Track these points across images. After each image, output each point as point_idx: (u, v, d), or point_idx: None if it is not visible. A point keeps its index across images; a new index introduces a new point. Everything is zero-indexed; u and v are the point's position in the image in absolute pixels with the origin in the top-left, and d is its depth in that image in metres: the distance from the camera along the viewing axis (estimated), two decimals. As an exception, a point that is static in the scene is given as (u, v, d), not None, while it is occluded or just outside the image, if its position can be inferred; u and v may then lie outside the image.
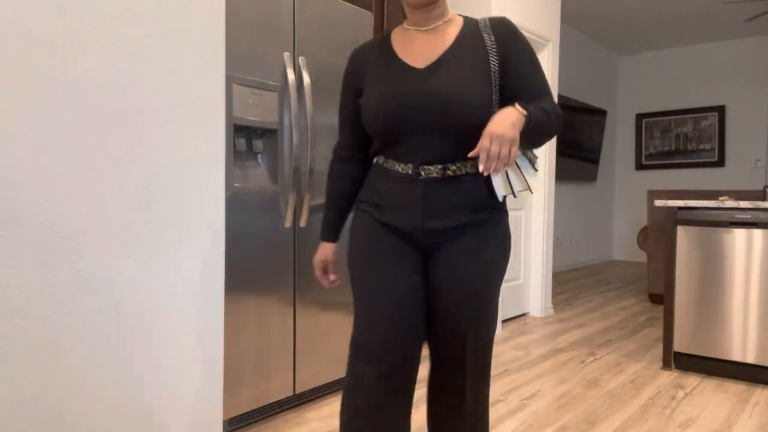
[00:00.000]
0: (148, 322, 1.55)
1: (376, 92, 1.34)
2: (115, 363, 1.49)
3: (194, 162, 1.65)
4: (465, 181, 1.33)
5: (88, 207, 1.41)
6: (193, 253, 1.66)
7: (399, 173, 1.35)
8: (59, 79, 1.35)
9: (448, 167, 1.32)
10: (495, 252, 1.37)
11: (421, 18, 1.36)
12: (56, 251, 1.36)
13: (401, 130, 1.32)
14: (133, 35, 1.49)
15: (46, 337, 1.35)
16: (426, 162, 1.32)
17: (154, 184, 1.55)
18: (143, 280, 1.53)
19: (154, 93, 1.55)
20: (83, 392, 1.43)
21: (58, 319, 1.37)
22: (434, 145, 1.31)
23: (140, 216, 1.52)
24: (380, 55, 1.40)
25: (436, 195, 1.33)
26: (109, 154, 1.45)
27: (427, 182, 1.32)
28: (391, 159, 1.37)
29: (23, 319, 1.31)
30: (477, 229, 1.36)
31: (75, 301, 1.40)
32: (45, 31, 1.33)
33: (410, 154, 1.33)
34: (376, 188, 1.40)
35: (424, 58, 1.34)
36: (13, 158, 1.28)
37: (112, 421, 1.49)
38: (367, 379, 1.32)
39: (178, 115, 1.61)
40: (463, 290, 1.35)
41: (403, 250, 1.37)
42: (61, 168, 1.36)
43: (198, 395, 1.69)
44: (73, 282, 1.39)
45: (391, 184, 1.36)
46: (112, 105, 1.46)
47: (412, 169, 1.33)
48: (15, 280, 1.30)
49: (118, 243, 1.48)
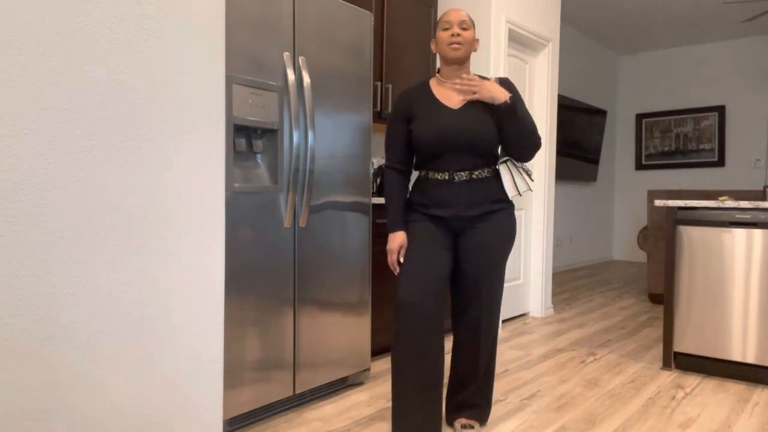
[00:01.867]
0: (148, 322, 1.56)
1: (424, 124, 2.02)
2: (115, 363, 1.49)
3: (194, 162, 1.66)
4: (485, 182, 2.05)
5: (88, 207, 1.41)
6: (193, 253, 1.66)
7: (438, 179, 2.04)
8: (59, 78, 1.35)
9: (473, 173, 2.03)
10: (507, 231, 2.09)
11: (454, 72, 2.06)
12: (56, 251, 1.36)
13: (442, 150, 2.01)
14: (133, 35, 1.49)
15: (46, 337, 1.35)
16: (458, 170, 2.02)
17: (153, 184, 1.55)
18: (143, 280, 1.53)
19: (154, 93, 1.55)
20: (83, 392, 1.43)
21: (58, 319, 1.37)
22: (463, 159, 2.02)
23: (140, 216, 1.52)
24: (424, 96, 2.08)
25: (466, 192, 2.03)
26: (109, 154, 1.45)
27: (460, 184, 2.02)
28: (431, 170, 2.05)
29: (23, 319, 1.31)
30: (495, 215, 2.07)
31: (75, 301, 1.40)
32: (45, 31, 1.33)
33: (447, 166, 2.02)
34: (423, 192, 2.08)
35: (456, 101, 2.04)
36: (13, 158, 1.28)
37: (112, 421, 1.49)
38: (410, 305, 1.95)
39: (178, 115, 1.61)
40: (484, 252, 2.05)
41: (439, 231, 2.05)
42: (61, 168, 1.36)
43: (198, 395, 1.69)
44: (73, 282, 1.39)
45: (434, 188, 2.05)
46: (113, 105, 1.46)
47: (449, 175, 2.02)
48: (15, 280, 1.30)
49: (118, 243, 1.48)
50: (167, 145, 1.58)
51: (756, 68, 7.10)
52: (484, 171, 2.04)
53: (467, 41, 2.00)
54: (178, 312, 1.63)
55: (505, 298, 4.09)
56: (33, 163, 1.32)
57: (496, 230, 2.05)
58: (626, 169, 8.14)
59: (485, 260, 2.05)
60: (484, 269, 2.05)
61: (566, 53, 6.85)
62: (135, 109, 1.50)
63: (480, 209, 2.04)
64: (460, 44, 1.99)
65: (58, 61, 1.35)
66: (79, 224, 1.40)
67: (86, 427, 1.44)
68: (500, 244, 2.06)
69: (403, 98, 2.11)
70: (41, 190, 1.33)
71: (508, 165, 2.07)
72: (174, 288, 1.62)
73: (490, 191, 2.05)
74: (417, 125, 2.03)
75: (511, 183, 2.07)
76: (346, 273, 2.56)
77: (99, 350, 1.46)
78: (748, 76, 7.15)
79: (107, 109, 1.44)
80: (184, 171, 1.63)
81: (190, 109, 1.64)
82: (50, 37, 1.33)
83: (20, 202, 1.30)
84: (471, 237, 2.06)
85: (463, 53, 2.01)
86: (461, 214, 2.03)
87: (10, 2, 1.27)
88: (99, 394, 1.46)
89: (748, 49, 7.15)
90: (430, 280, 1.97)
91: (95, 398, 1.45)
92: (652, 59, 7.88)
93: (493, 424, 2.28)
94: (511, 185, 2.07)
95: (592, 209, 7.72)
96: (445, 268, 2.02)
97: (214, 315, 1.73)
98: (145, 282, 1.54)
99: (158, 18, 1.55)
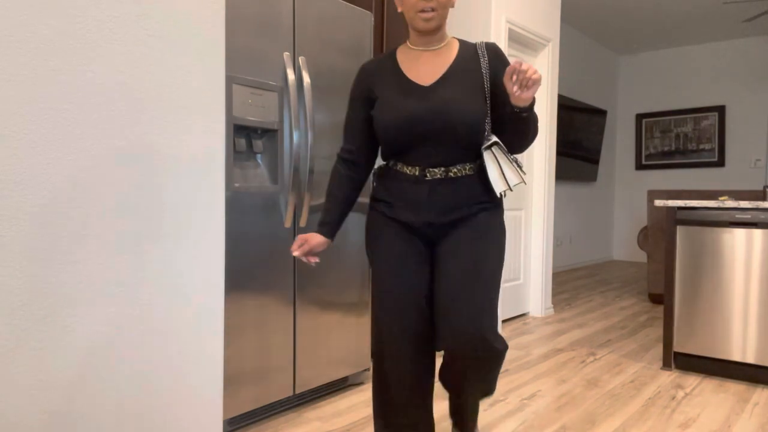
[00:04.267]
0: (148, 322, 1.55)
1: (388, 107, 1.55)
2: (115, 363, 1.49)
3: (194, 162, 1.65)
4: (466, 181, 1.57)
5: (88, 207, 1.41)
6: (193, 253, 1.66)
7: (407, 175, 1.57)
8: (59, 78, 1.35)
9: (450, 170, 1.55)
10: (492, 232, 1.59)
11: (425, 41, 1.59)
12: (56, 251, 1.36)
13: (410, 139, 1.54)
14: (133, 35, 1.49)
15: (46, 337, 1.35)
16: (431, 165, 1.55)
17: (153, 184, 1.55)
18: (143, 280, 1.53)
19: (154, 93, 1.54)
20: (83, 392, 1.43)
21: (58, 319, 1.37)
22: (438, 152, 1.54)
23: (140, 216, 1.52)
24: (388, 71, 1.62)
25: (440, 194, 1.56)
26: (109, 154, 1.45)
27: (432, 183, 1.55)
28: (400, 163, 1.58)
29: (23, 319, 1.31)
30: (475, 218, 1.58)
31: (75, 301, 1.40)
32: (45, 31, 1.33)
33: (418, 159, 1.55)
34: (388, 188, 1.62)
35: (428, 77, 1.57)
36: (13, 158, 1.28)
37: (113, 421, 1.49)
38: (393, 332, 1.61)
39: (177, 115, 1.61)
40: (463, 259, 1.55)
41: (411, 241, 1.61)
42: (61, 168, 1.36)
43: (198, 395, 1.69)
44: (73, 282, 1.39)
45: (401, 184, 1.59)
46: (112, 105, 1.46)
47: (419, 171, 1.55)
48: (15, 280, 1.30)
49: (118, 243, 1.48)
50: (167, 145, 1.58)
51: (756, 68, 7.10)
52: (465, 167, 1.55)
53: (441, 4, 1.51)
54: (178, 312, 1.63)
55: (505, 298, 4.09)
56: (33, 163, 1.32)
57: (478, 231, 1.57)
58: (626, 169, 8.14)
59: (466, 269, 1.54)
60: (464, 282, 1.53)
61: (566, 53, 6.85)
62: (135, 109, 1.50)
63: (455, 214, 1.57)
64: (433, 11, 1.50)
65: (58, 61, 1.35)
66: (79, 224, 1.40)
67: (86, 427, 1.44)
68: (486, 247, 1.57)
69: (362, 74, 1.65)
70: (41, 190, 1.33)
71: (494, 152, 1.54)
72: (174, 288, 1.62)
73: (473, 193, 1.57)
74: (378, 109, 1.57)
75: (499, 175, 1.54)
76: (346, 273, 2.55)
77: (99, 350, 1.45)
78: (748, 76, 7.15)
79: (107, 109, 1.44)
80: (184, 171, 1.63)
81: (190, 109, 1.64)
82: (50, 37, 1.33)
83: (20, 202, 1.30)
84: (446, 244, 1.59)
85: (437, 23, 1.53)
86: (433, 221, 1.57)
87: (10, 2, 1.27)
88: (99, 395, 1.46)
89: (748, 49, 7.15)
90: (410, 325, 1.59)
91: (95, 398, 1.45)
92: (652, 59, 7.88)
93: (493, 424, 2.28)
94: (499, 178, 1.54)
95: (592, 209, 7.72)
96: (425, 290, 1.63)
97: (214, 315, 1.73)
98: (145, 282, 1.54)
99: (158, 18, 1.55)
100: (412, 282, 1.59)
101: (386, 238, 1.62)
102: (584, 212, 7.53)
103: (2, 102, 1.27)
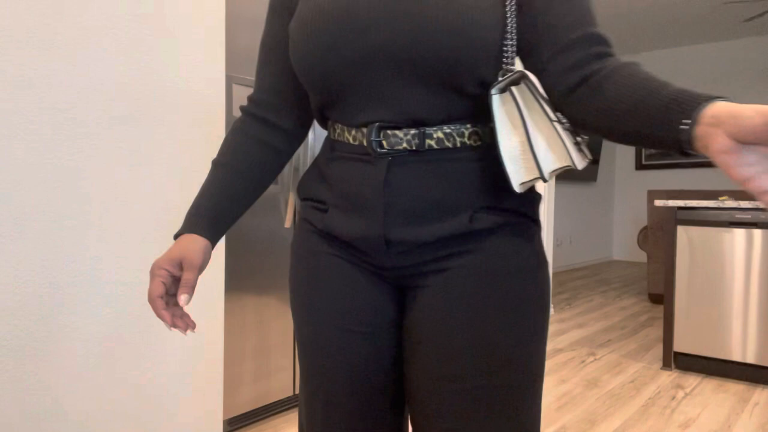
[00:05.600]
0: (148, 322, 1.56)
1: (310, 7, 0.76)
2: (115, 363, 1.49)
3: (194, 162, 1.65)
4: (459, 158, 0.74)
5: (88, 207, 1.41)
6: (193, 253, 1.66)
7: (350, 145, 0.78)
8: (59, 78, 1.35)
9: (429, 133, 0.73)
10: (523, 284, 0.75)
11: None
12: (56, 251, 1.36)
13: (347, 71, 0.74)
14: (133, 35, 1.49)
15: (46, 337, 1.35)
16: (391, 125, 0.74)
17: (154, 184, 1.55)
18: (143, 280, 1.53)
19: (154, 93, 1.55)
20: (83, 392, 1.43)
21: (58, 319, 1.37)
22: (404, 95, 0.73)
23: (140, 216, 1.52)
24: None
25: (407, 182, 0.74)
26: (109, 153, 1.45)
27: (393, 160, 0.74)
28: (339, 123, 0.80)
29: (23, 319, 1.31)
30: (484, 246, 0.75)
31: (75, 301, 1.40)
32: (45, 31, 1.33)
33: (364, 112, 0.75)
34: (321, 173, 0.84)
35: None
36: (13, 158, 1.28)
37: (113, 420, 1.49)
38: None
39: (178, 115, 1.61)
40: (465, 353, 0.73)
41: (357, 283, 0.80)
42: (61, 168, 1.36)
43: (198, 395, 1.69)
44: (73, 282, 1.39)
45: (338, 165, 0.79)
46: (112, 105, 1.46)
47: (368, 137, 0.74)
48: (15, 280, 1.30)
49: (118, 243, 1.48)
50: (167, 145, 1.58)
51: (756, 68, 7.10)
52: (461, 131, 0.74)
53: None
54: (178, 312, 1.63)
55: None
56: (33, 163, 1.32)
57: (496, 277, 0.74)
58: (626, 169, 8.14)
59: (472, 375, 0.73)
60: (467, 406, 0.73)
61: (566, 53, 6.85)
62: (135, 108, 1.50)
63: (437, 229, 0.74)
64: None
65: (58, 61, 1.35)
66: (80, 224, 1.40)
67: (86, 427, 1.44)
68: (516, 318, 0.74)
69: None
70: (41, 190, 1.33)
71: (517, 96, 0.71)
72: (174, 288, 1.62)
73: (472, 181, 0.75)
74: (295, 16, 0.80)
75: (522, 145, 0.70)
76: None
77: (99, 350, 1.45)
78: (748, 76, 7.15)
79: (107, 109, 1.44)
80: (185, 171, 1.63)
81: (190, 109, 1.64)
82: (50, 37, 1.33)
83: (21, 201, 1.30)
84: (428, 300, 0.76)
85: None
86: (389, 236, 0.75)
87: (10, 2, 1.27)
88: (99, 394, 1.46)
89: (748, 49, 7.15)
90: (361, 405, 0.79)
91: (95, 398, 1.45)
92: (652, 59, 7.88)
93: (493, 424, 2.28)
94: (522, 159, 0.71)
95: (592, 209, 7.72)
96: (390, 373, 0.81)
97: (215, 315, 1.73)
98: (145, 282, 1.54)
99: (158, 18, 1.55)
100: (364, 367, 0.79)
101: (316, 280, 0.81)
102: (584, 212, 7.53)
103: (3, 102, 1.27)
